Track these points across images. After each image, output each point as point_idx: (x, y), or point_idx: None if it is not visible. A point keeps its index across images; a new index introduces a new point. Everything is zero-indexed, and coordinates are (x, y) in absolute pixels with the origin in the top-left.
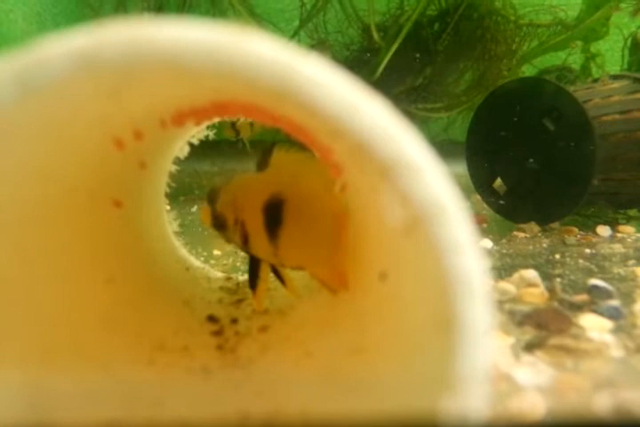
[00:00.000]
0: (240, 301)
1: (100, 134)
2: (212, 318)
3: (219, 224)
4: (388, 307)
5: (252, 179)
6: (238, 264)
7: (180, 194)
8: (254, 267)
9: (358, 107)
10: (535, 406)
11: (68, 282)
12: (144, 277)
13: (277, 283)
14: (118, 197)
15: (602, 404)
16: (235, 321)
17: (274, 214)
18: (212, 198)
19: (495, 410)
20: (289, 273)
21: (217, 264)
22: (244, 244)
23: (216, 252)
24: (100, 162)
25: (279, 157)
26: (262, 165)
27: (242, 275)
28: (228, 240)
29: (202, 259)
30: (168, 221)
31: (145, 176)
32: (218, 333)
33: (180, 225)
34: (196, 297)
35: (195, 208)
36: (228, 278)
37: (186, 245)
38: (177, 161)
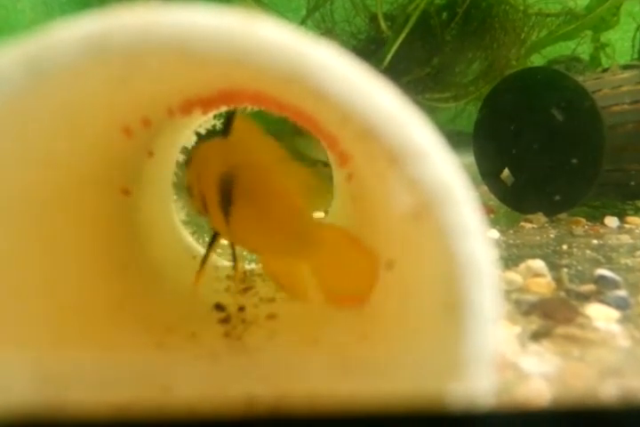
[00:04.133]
0: (247, 289)
1: (108, 121)
2: (219, 306)
3: (188, 193)
4: (395, 293)
5: (213, 146)
6: (245, 253)
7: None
8: (212, 241)
9: (367, 92)
10: (541, 393)
11: (77, 268)
12: (152, 265)
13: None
14: (126, 185)
15: (608, 392)
16: (242, 309)
17: (227, 189)
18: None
19: (501, 397)
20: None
21: (223, 253)
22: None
23: (222, 240)
24: (109, 149)
25: (240, 125)
26: (225, 131)
27: (248, 263)
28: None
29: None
30: (175, 210)
31: (152, 165)
32: (225, 320)
33: (187, 214)
34: (203, 285)
35: None
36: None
37: (193, 233)
38: (184, 150)
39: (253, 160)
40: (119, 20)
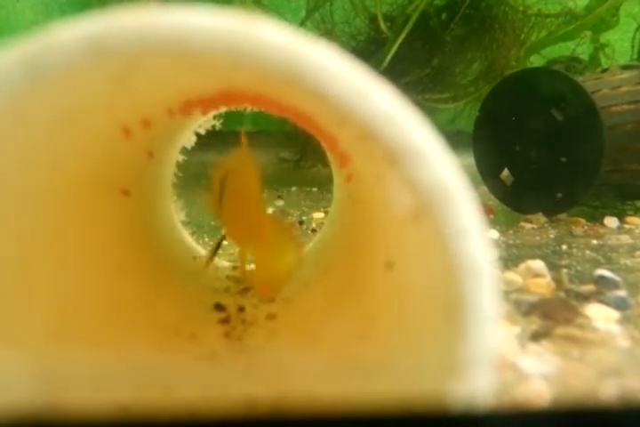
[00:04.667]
0: (247, 289)
1: (108, 122)
2: (219, 307)
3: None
4: (394, 293)
5: (229, 154)
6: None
7: (187, 184)
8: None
9: (367, 93)
10: (541, 394)
11: (76, 269)
12: (152, 265)
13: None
14: (126, 186)
15: (607, 392)
16: (241, 309)
17: (222, 189)
18: None
19: (501, 398)
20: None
21: (223, 253)
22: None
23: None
24: (108, 150)
25: (243, 141)
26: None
27: (248, 264)
28: None
29: (208, 248)
30: (175, 211)
31: (152, 165)
32: (225, 321)
33: (187, 215)
34: (203, 286)
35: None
36: (235, 268)
37: (192, 234)
38: (184, 151)
39: (236, 164)
40: (118, 22)
